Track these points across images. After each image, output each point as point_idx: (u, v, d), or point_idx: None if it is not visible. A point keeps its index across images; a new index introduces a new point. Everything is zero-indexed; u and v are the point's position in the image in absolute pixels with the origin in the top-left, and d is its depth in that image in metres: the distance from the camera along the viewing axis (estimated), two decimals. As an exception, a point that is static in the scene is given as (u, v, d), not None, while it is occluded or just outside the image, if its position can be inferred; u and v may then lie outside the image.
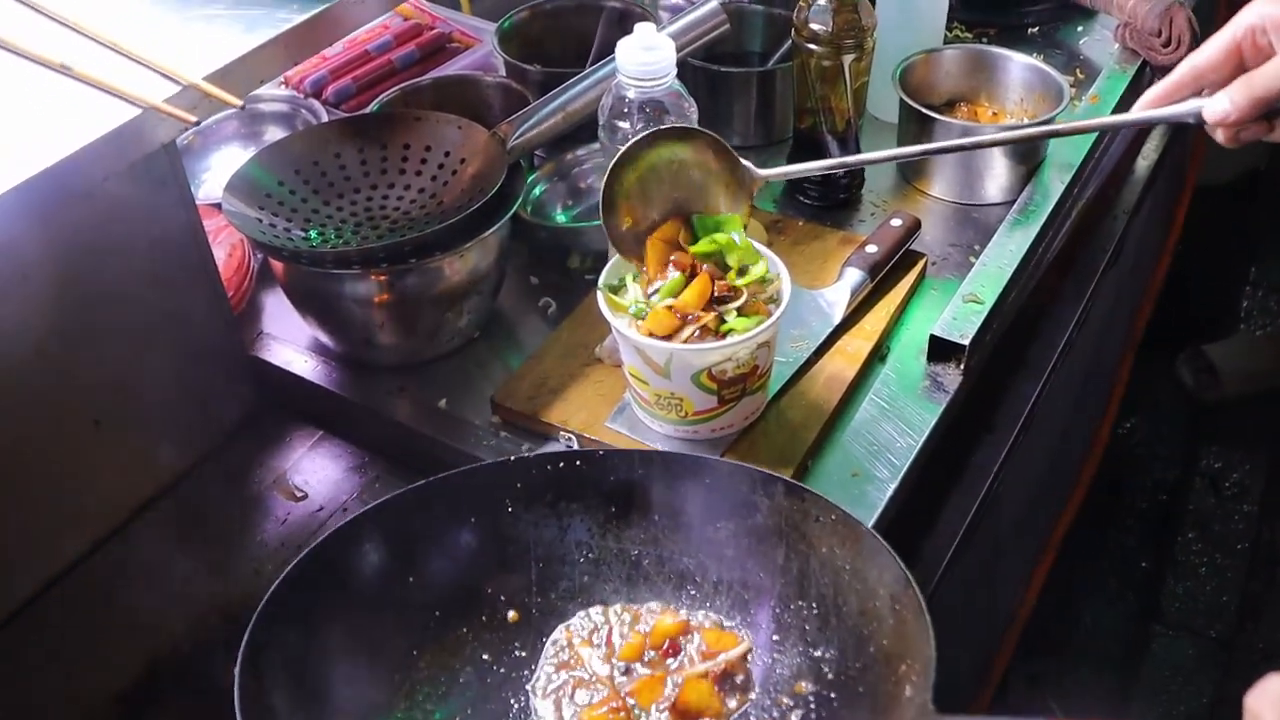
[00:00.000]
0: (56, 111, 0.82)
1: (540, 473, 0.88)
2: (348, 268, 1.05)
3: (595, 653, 0.86)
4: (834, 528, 0.83)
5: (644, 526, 0.89)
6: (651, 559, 0.90)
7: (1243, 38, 0.86)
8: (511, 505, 0.88)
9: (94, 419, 1.04)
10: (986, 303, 1.13)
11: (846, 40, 1.21)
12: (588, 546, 0.90)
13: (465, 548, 0.87)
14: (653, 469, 0.89)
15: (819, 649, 0.83)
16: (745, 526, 0.87)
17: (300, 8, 0.90)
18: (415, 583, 0.86)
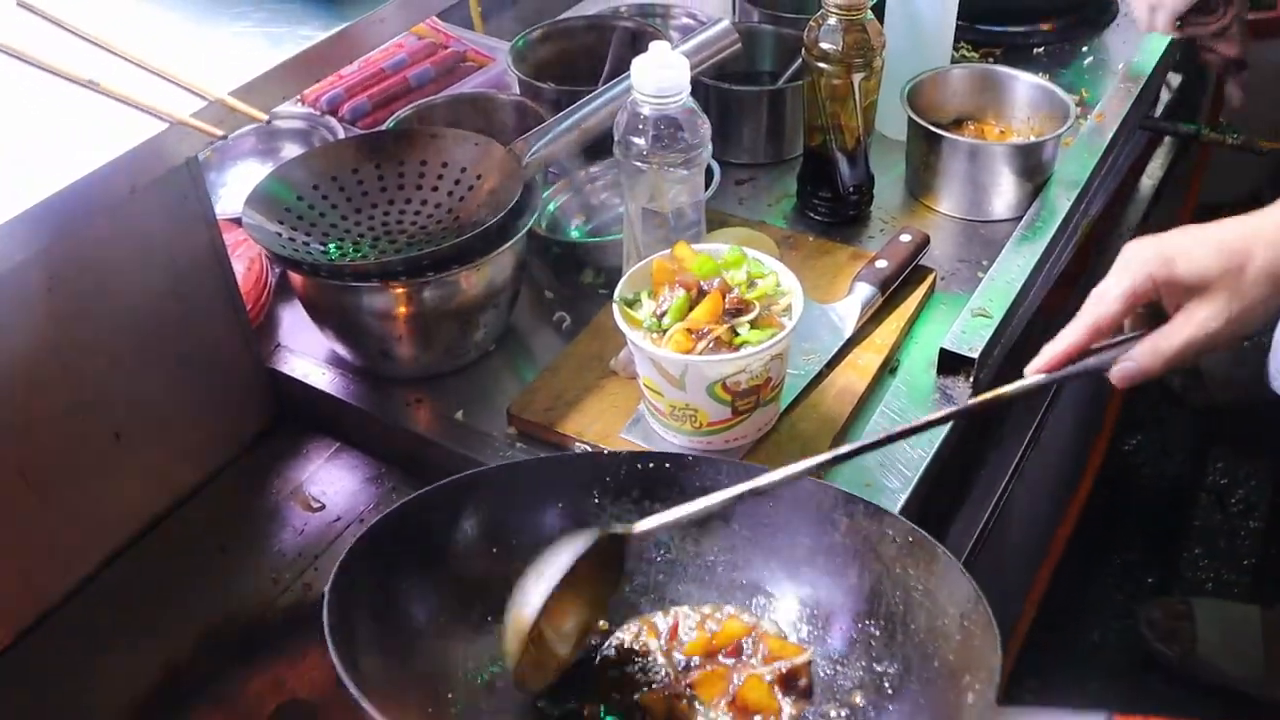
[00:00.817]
0: (84, 126, 0.83)
1: (630, 470, 0.91)
2: (366, 281, 1.06)
3: (660, 644, 0.88)
4: (910, 549, 0.85)
5: (723, 535, 0.92)
6: (726, 565, 0.92)
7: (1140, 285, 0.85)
8: (599, 497, 0.91)
9: (114, 431, 1.05)
10: (995, 316, 1.15)
11: (856, 59, 1.23)
12: (666, 547, 0.92)
13: (549, 530, 0.89)
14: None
15: (883, 664, 0.85)
16: (823, 543, 0.89)
17: (323, 25, 0.92)
18: (498, 554, 0.88)
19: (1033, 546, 2.02)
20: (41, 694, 0.99)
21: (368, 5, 0.96)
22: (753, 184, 1.44)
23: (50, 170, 0.80)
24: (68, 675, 1.00)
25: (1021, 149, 1.32)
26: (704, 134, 1.07)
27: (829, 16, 1.22)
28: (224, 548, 1.10)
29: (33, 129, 0.84)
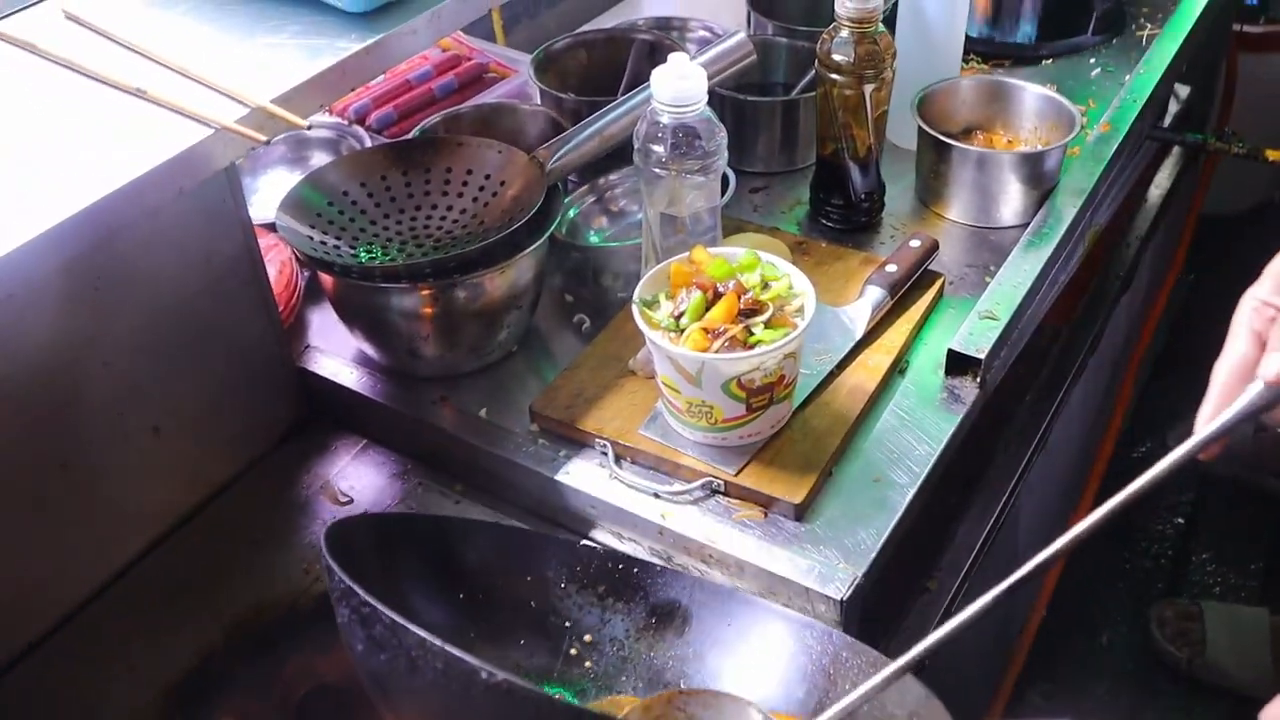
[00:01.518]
0: (134, 132, 0.88)
1: (600, 566, 0.95)
2: (395, 282, 1.11)
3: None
4: (864, 670, 0.87)
5: (677, 645, 0.95)
6: (675, 673, 0.94)
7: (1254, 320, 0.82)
8: (565, 583, 0.95)
9: (153, 425, 1.10)
10: (1002, 319, 1.18)
11: (867, 70, 1.27)
12: (620, 644, 0.95)
13: (516, 596, 0.94)
14: (703, 596, 0.95)
15: None
16: (775, 662, 0.91)
17: (358, 37, 0.97)
18: (464, 600, 0.92)
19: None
20: (82, 678, 1.03)
21: (399, 19, 1.01)
22: (767, 192, 1.48)
23: (102, 173, 0.85)
24: (106, 661, 1.04)
25: (1028, 157, 1.36)
26: (720, 142, 1.11)
27: (841, 29, 1.26)
28: (256, 540, 1.14)
29: (85, 135, 0.89)
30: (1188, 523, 2.36)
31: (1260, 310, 0.80)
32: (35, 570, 1.03)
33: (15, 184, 0.86)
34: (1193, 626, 2.05)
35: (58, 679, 1.02)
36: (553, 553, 0.97)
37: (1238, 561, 2.27)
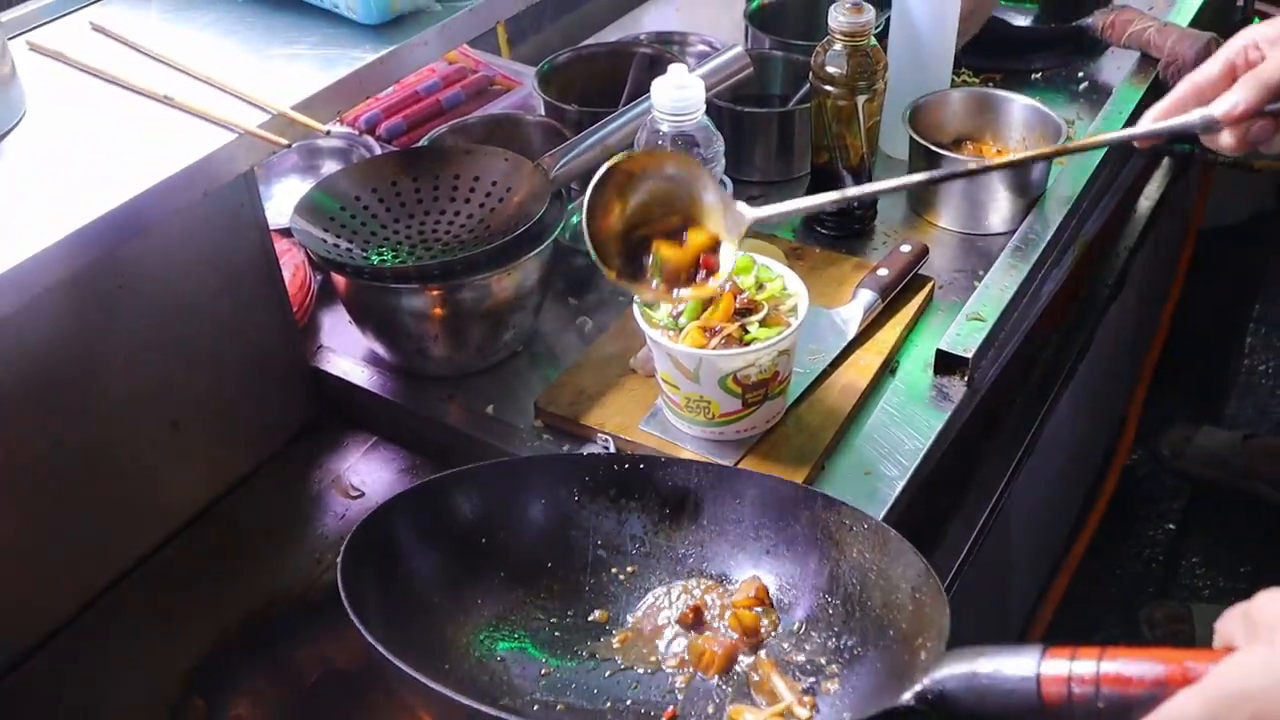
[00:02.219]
0: (161, 137, 0.93)
1: (607, 470, 0.99)
2: (406, 283, 1.15)
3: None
4: (865, 535, 0.93)
5: (693, 529, 1.00)
6: (696, 557, 0.99)
7: (1236, 55, 0.96)
8: (578, 495, 0.99)
9: (173, 420, 1.14)
10: (989, 320, 1.23)
11: (860, 81, 1.32)
12: (641, 540, 1.00)
13: (533, 524, 0.98)
14: (707, 479, 0.99)
15: (842, 638, 0.92)
16: (785, 535, 0.97)
17: (372, 48, 1.02)
18: (486, 545, 0.96)
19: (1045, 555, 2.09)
20: (102, 662, 1.07)
21: (411, 30, 1.05)
22: (763, 200, 1.51)
23: (130, 175, 0.89)
24: (126, 646, 1.08)
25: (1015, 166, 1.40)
26: (717, 149, 1.16)
27: (835, 42, 1.31)
28: (270, 532, 1.19)
29: (113, 139, 0.94)
30: (1178, 528, 2.40)
31: (1248, 49, 0.92)
32: (58, 558, 1.07)
33: (46, 185, 0.90)
34: (1182, 628, 2.09)
35: (80, 664, 1.06)
36: (559, 470, 1.01)
37: (1227, 566, 2.32)
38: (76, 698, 1.04)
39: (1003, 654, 0.70)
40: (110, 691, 1.05)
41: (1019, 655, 0.69)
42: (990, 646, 0.72)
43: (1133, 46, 1.68)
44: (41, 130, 0.96)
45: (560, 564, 0.98)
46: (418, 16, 1.06)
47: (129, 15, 1.11)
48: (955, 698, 0.72)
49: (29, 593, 1.05)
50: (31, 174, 0.92)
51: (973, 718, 0.72)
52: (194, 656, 1.07)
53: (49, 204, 0.88)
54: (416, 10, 1.06)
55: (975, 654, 0.72)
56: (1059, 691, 0.67)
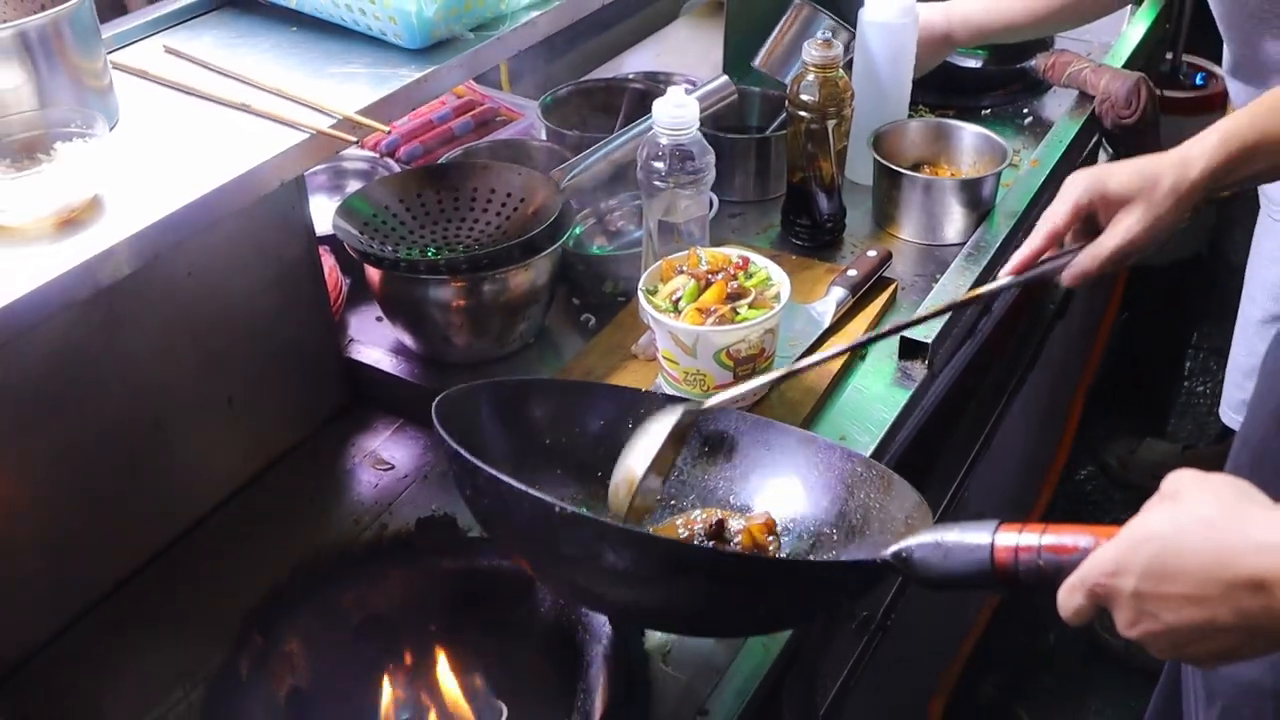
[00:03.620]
0: (240, 139, 1.09)
1: (659, 408, 1.12)
2: (436, 274, 1.31)
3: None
4: (873, 480, 1.09)
5: (725, 467, 1.16)
6: (724, 491, 1.15)
7: (1081, 207, 1.14)
8: (632, 423, 1.12)
9: (228, 396, 1.29)
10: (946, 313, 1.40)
11: (830, 108, 1.50)
12: (680, 469, 1.16)
13: (591, 436, 1.14)
14: (745, 426, 1.15)
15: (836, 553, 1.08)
16: (806, 480, 1.12)
17: (416, 68, 1.18)
18: (550, 445, 1.12)
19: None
20: (170, 606, 1.20)
21: (447, 55, 1.22)
22: (743, 217, 1.71)
23: (213, 171, 1.05)
24: (191, 592, 1.21)
25: (967, 184, 1.59)
26: (709, 161, 1.33)
27: (808, 73, 1.50)
28: (312, 498, 1.33)
29: (197, 141, 1.09)
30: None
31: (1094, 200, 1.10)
32: (134, 512, 1.21)
33: (141, 180, 1.05)
34: None
35: (152, 605, 1.20)
36: (621, 399, 1.16)
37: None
38: (152, 632, 1.17)
39: (964, 528, 0.86)
40: (181, 627, 1.18)
41: (977, 528, 0.85)
42: (954, 523, 0.87)
43: (1071, 85, 1.88)
44: (134, 134, 1.12)
45: (609, 475, 1.10)
46: (453, 43, 1.23)
47: (194, 41, 1.27)
48: (924, 558, 0.87)
49: (108, 543, 1.19)
50: (125, 172, 1.07)
51: (937, 580, 0.87)
52: (253, 600, 1.20)
53: (140, 197, 1.03)
54: (452, 37, 1.23)
55: (941, 528, 0.88)
56: (1008, 554, 0.83)
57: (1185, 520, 0.77)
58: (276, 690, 1.16)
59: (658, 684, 1.11)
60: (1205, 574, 0.74)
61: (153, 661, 1.14)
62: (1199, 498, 0.78)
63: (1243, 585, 0.73)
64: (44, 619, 1.15)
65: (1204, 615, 0.75)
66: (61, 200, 0.96)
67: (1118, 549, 0.78)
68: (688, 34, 2.32)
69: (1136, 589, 0.77)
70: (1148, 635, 0.78)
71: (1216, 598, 0.74)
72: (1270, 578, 0.72)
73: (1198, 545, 0.75)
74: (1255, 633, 0.75)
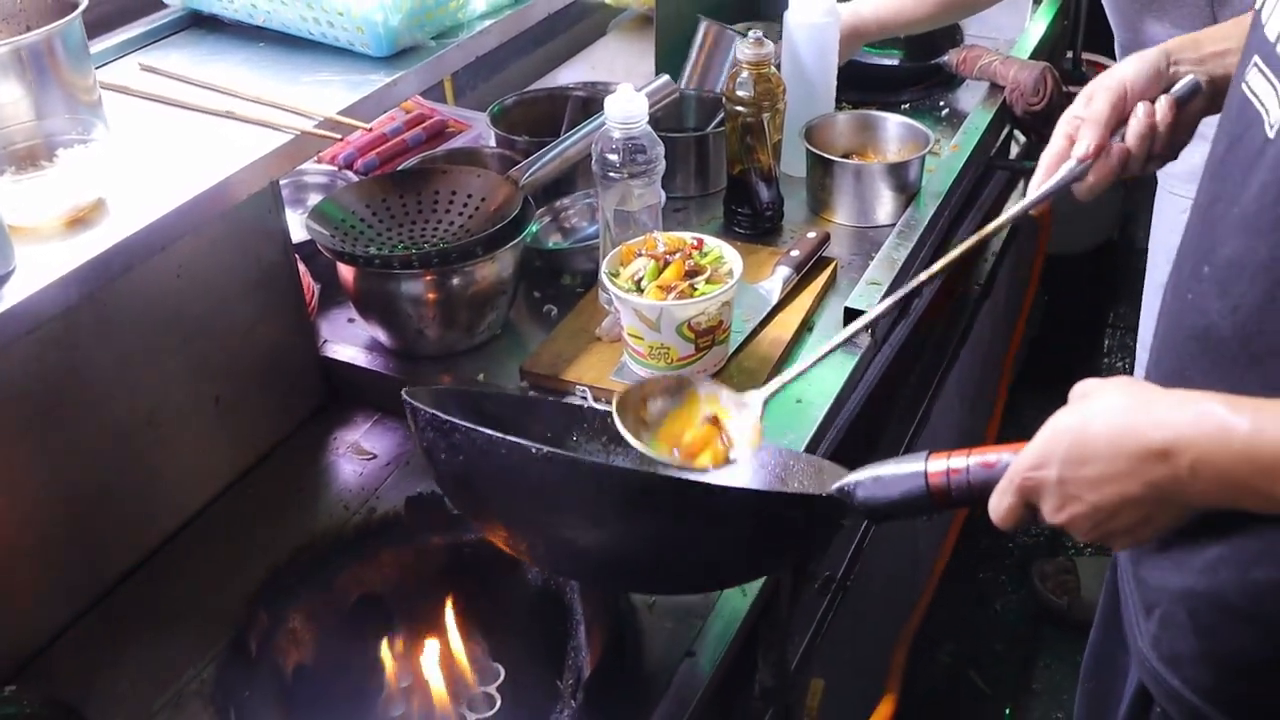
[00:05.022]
0: (225, 144, 1.16)
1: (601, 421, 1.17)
2: (409, 268, 1.39)
3: None
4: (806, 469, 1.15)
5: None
6: None
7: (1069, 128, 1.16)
8: (575, 437, 1.19)
9: (216, 395, 1.35)
10: (884, 284, 1.51)
11: (765, 102, 1.61)
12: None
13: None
14: None
15: None
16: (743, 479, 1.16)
17: (386, 74, 1.26)
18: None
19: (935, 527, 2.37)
20: (175, 593, 1.26)
21: (413, 61, 1.31)
22: (686, 211, 1.81)
23: (202, 173, 1.12)
24: (193, 579, 1.27)
25: (894, 167, 1.71)
26: (659, 153, 1.43)
27: (742, 70, 1.61)
28: (303, 486, 1.39)
29: (184, 148, 1.16)
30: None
31: (1071, 121, 1.17)
32: (131, 508, 1.26)
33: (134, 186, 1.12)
34: (1069, 578, 2.38)
35: (162, 591, 1.26)
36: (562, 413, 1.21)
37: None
38: (159, 616, 1.22)
39: (898, 461, 0.96)
40: (187, 611, 1.23)
41: (910, 459, 0.95)
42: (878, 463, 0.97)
43: (982, 78, 2.02)
44: (125, 144, 1.18)
45: None
46: (417, 50, 1.31)
47: (166, 60, 1.33)
48: (866, 491, 0.96)
49: (111, 536, 1.24)
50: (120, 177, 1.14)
51: (881, 509, 0.96)
52: (255, 582, 1.26)
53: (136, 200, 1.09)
54: (415, 45, 1.31)
55: (879, 464, 0.97)
56: (940, 477, 0.92)
57: (1096, 410, 0.86)
58: (284, 665, 1.22)
59: (646, 633, 1.19)
60: (1116, 451, 0.83)
61: (163, 648, 1.19)
62: (1106, 391, 0.87)
63: (1150, 456, 0.82)
64: (46, 617, 1.20)
65: (1119, 490, 0.84)
66: (69, 201, 1.02)
67: (1038, 444, 0.87)
68: (617, 47, 2.43)
69: (1060, 475, 0.86)
70: (1073, 518, 0.87)
71: (1127, 472, 0.83)
72: (1171, 447, 0.81)
73: (1108, 429, 0.84)
74: (1163, 501, 0.84)
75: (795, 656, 1.50)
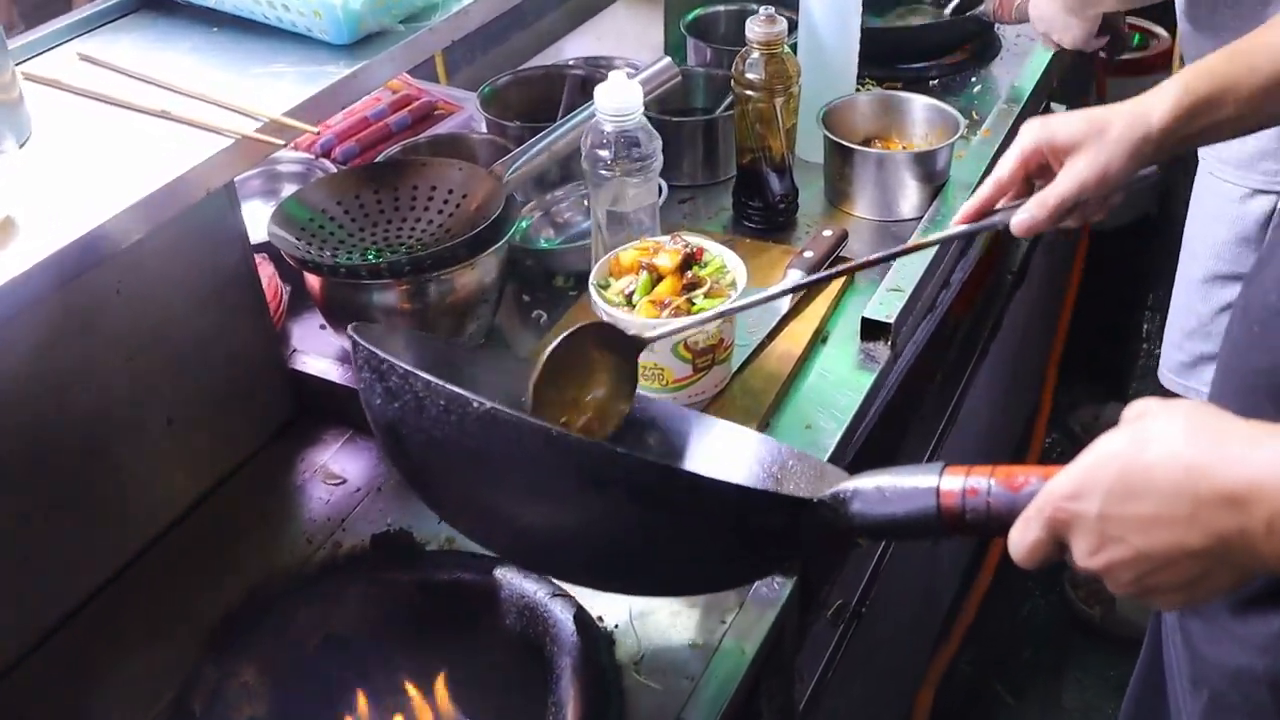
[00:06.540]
0: (160, 147, 1.03)
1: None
2: (378, 278, 1.26)
3: None
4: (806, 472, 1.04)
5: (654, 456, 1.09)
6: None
7: (1029, 155, 1.06)
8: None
9: (168, 418, 1.23)
10: (906, 291, 1.37)
11: (777, 86, 1.46)
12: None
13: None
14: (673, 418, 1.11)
15: None
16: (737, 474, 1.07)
17: (346, 64, 1.13)
18: None
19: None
20: (118, 640, 1.14)
21: (378, 49, 1.17)
22: (693, 201, 1.66)
23: (134, 183, 0.99)
24: (138, 625, 1.15)
25: (920, 156, 1.56)
26: (655, 147, 1.29)
27: (752, 51, 1.46)
28: (263, 517, 1.28)
29: (115, 153, 1.03)
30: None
31: (1041, 149, 1.04)
32: (67, 547, 1.15)
33: (53, 196, 1.00)
34: (1103, 587, 2.24)
35: (96, 643, 1.14)
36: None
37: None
38: (96, 670, 1.11)
39: (908, 470, 0.80)
40: (128, 665, 1.12)
41: (923, 471, 0.80)
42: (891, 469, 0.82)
43: (1022, 19, 1.85)
44: (46, 150, 1.05)
45: None
46: (383, 36, 1.18)
47: (112, 47, 1.21)
48: (863, 502, 0.81)
49: (45, 579, 1.13)
50: (39, 188, 1.01)
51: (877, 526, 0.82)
52: (205, 628, 1.15)
53: (57, 213, 0.97)
54: (382, 31, 1.17)
55: (884, 472, 0.82)
56: (954, 497, 0.77)
57: (1152, 437, 0.71)
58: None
59: (631, 695, 1.07)
60: (1176, 489, 0.69)
61: (96, 712, 1.09)
62: (1169, 415, 0.72)
63: (1216, 501, 0.68)
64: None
65: (1174, 538, 0.70)
66: (-33, 224, 0.90)
67: (1078, 469, 0.73)
68: (626, 15, 2.27)
69: (1102, 510, 0.71)
70: (1112, 565, 0.73)
71: (1186, 517, 0.69)
72: (1246, 492, 0.67)
73: (1166, 461, 0.70)
74: (1225, 558, 0.70)
75: (803, 698, 1.38)
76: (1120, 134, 1.01)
